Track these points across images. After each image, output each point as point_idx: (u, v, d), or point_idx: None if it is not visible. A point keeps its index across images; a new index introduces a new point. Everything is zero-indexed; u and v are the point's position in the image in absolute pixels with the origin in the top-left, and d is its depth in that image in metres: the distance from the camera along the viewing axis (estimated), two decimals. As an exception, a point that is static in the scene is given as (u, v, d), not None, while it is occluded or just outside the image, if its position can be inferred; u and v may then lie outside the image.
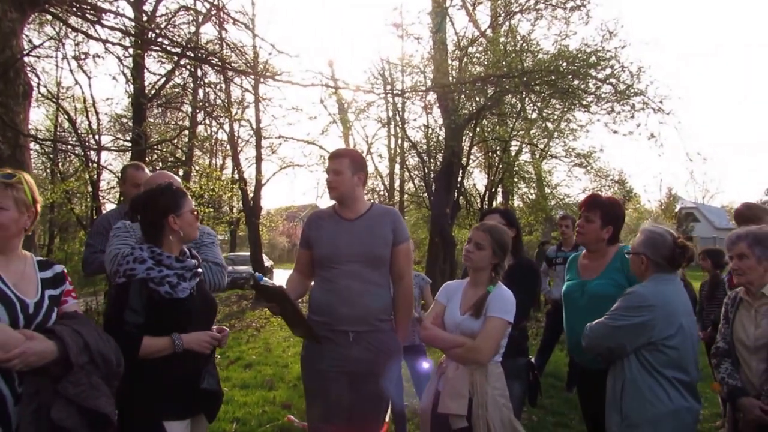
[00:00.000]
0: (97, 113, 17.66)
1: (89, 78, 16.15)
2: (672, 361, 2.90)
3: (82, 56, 9.87)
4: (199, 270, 2.87)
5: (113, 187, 19.91)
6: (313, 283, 3.58)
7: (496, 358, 3.11)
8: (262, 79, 9.67)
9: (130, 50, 9.77)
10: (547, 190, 17.95)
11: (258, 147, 18.99)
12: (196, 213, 2.88)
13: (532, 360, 3.79)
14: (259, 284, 3.36)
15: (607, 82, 12.09)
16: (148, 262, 2.65)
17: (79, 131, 18.41)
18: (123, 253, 2.73)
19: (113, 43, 8.16)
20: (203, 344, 2.72)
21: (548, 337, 7.53)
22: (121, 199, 8.29)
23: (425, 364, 3.10)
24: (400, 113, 17.65)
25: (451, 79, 12.78)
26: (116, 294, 2.63)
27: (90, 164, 17.31)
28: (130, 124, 15.55)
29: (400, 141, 20.48)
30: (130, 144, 15.70)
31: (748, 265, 3.13)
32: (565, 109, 14.52)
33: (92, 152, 17.56)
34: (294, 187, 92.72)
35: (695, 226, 41.87)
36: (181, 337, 2.64)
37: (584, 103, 12.71)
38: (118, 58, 10.72)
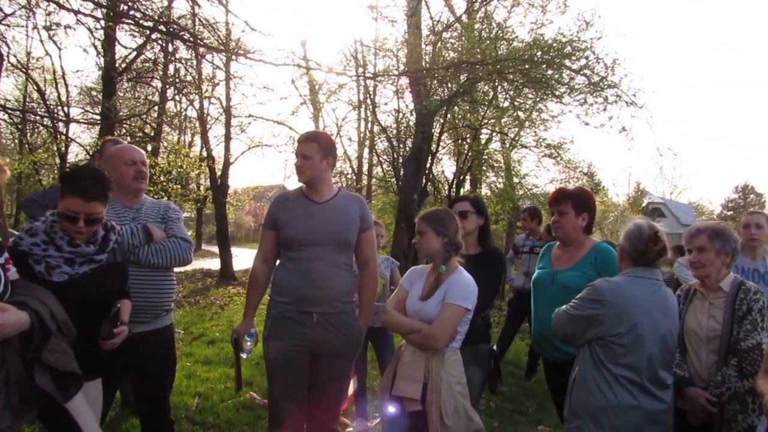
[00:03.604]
0: (66, 85, 17.24)
1: (60, 49, 15.69)
2: (620, 358, 2.87)
3: (53, 26, 9.60)
4: (98, 257, 2.78)
5: (81, 160, 19.53)
6: (277, 263, 3.57)
7: (454, 345, 3.14)
8: (233, 57, 9.53)
9: (102, 22, 9.56)
10: (516, 180, 18.06)
11: (227, 125, 18.74)
12: (73, 217, 2.63)
13: (494, 348, 3.84)
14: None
15: (581, 73, 12.09)
16: (39, 237, 2.61)
17: (48, 102, 17.97)
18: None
19: (85, 14, 7.98)
20: None
21: (509, 324, 7.62)
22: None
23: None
24: (372, 97, 17.57)
25: (424, 64, 12.73)
26: None
27: (59, 136, 16.97)
28: (100, 97, 15.21)
29: (370, 125, 20.42)
30: (99, 117, 15.37)
31: (707, 258, 3.19)
32: (538, 99, 14.55)
33: (61, 124, 17.22)
34: (262, 166, 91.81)
35: (662, 221, 42.58)
36: None
37: (557, 93, 12.72)
38: (90, 29, 10.48)
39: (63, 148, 17.22)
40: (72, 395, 2.33)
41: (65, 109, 17.40)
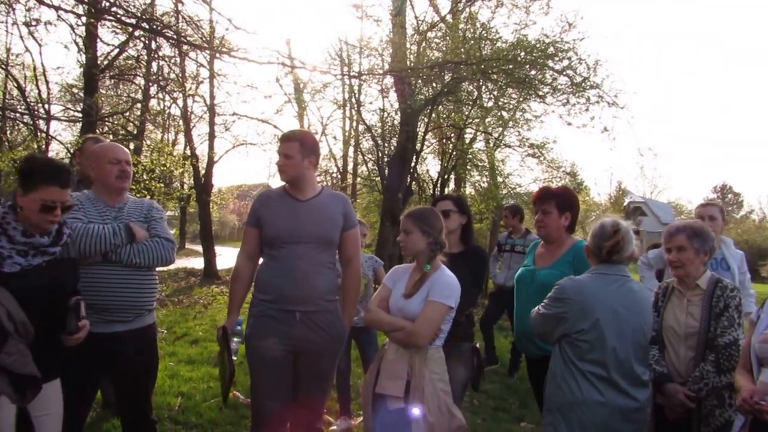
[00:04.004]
0: (47, 82, 17.02)
1: (40, 45, 15.51)
2: (585, 354, 2.95)
3: (33, 23, 9.48)
4: (52, 249, 2.75)
5: (63, 158, 19.37)
6: (260, 261, 3.58)
7: (437, 343, 3.16)
8: (217, 55, 9.49)
9: (83, 19, 9.45)
10: (499, 179, 18.13)
11: (211, 123, 18.67)
12: (52, 206, 2.65)
13: (478, 346, 3.87)
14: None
15: (564, 73, 12.19)
16: None
17: (28, 99, 17.77)
18: None
19: (66, 11, 7.88)
20: None
21: (486, 315, 7.84)
22: (74, 170, 8.02)
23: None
24: (356, 96, 17.58)
25: (408, 63, 12.76)
26: None
27: (39, 134, 16.80)
28: (81, 94, 15.05)
29: (355, 124, 20.43)
30: (80, 115, 15.22)
31: (687, 257, 3.24)
32: (521, 99, 14.63)
33: (41, 121, 17.04)
34: (247, 165, 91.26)
35: (642, 220, 43.03)
36: None
37: (540, 93, 12.83)
38: (71, 26, 10.35)
39: (43, 146, 17.05)
40: (30, 399, 2.29)
41: (46, 106, 17.23)
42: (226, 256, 20.45)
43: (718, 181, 69.69)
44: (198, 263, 20.24)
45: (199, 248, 20.94)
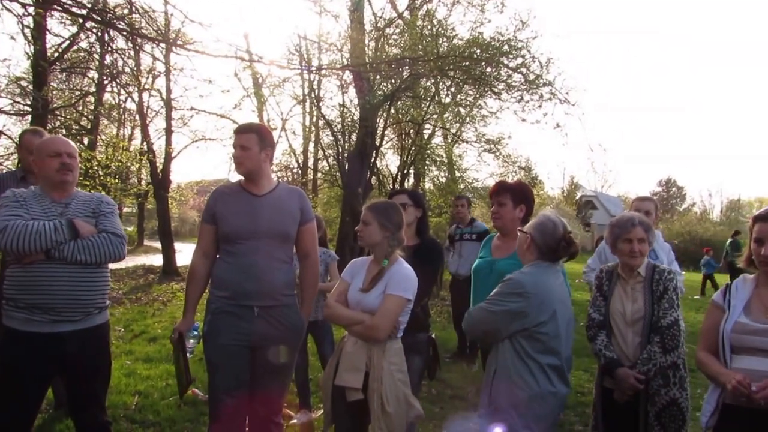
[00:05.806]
0: (-7, 74, 16.56)
1: (-15, 35, 15.11)
2: (545, 347, 2.99)
3: (-24, 12, 9.17)
4: None
5: (11, 153, 18.85)
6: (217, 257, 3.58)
7: (396, 334, 3.21)
8: (173, 48, 9.36)
9: (30, 9, 9.22)
10: (457, 174, 18.37)
11: (168, 118, 18.36)
12: None
13: (433, 336, 3.94)
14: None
15: (518, 71, 12.43)
16: None
17: (-28, 93, 17.22)
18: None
19: (11, 0, 7.66)
20: None
21: (456, 312, 7.98)
22: (19, 165, 7.81)
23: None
24: (316, 91, 17.57)
25: (367, 59, 12.79)
26: None
27: (-14, 128, 16.34)
28: (30, 87, 14.65)
29: (314, 119, 20.41)
30: (29, 108, 14.82)
31: (646, 249, 3.42)
32: (478, 96, 14.86)
33: (-12, 115, 16.57)
34: (206, 161, 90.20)
35: (593, 213, 44.05)
36: None
37: (495, 90, 13.07)
38: (17, 16, 10.09)
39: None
40: None
41: (-8, 99, 16.74)
42: (186, 253, 20.14)
43: (664, 175, 72.15)
44: (157, 260, 19.94)
45: (158, 245, 20.62)
